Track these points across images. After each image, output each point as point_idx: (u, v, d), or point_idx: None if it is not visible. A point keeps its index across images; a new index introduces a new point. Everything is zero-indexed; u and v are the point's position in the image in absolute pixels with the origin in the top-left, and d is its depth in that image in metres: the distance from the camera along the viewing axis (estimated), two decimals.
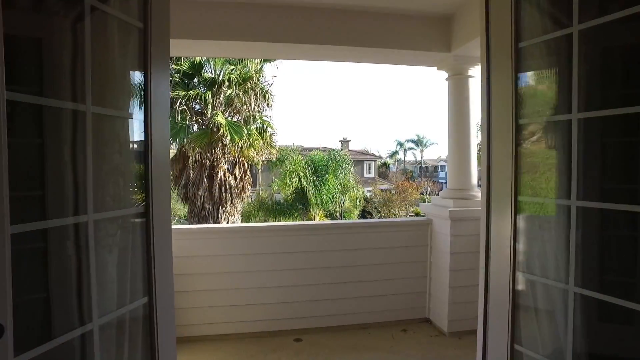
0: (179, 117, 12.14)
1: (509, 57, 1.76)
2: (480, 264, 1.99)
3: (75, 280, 1.26)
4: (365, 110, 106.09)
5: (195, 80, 12.79)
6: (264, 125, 13.32)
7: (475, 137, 3.66)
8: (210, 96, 12.36)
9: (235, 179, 12.89)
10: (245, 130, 12.34)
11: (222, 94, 12.47)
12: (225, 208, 12.55)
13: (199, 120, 12.94)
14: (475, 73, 3.59)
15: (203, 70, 12.68)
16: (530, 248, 1.74)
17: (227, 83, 12.34)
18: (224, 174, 12.61)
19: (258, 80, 13.01)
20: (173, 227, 3.62)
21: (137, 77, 1.53)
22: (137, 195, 1.48)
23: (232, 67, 12.44)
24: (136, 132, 1.48)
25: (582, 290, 1.51)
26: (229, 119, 12.62)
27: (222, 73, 12.46)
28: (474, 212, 3.45)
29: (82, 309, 1.24)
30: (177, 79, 12.24)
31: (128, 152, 1.47)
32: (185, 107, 12.23)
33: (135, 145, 1.49)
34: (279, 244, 3.60)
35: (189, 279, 3.44)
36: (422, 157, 61.04)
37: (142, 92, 1.50)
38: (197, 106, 12.98)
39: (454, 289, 3.51)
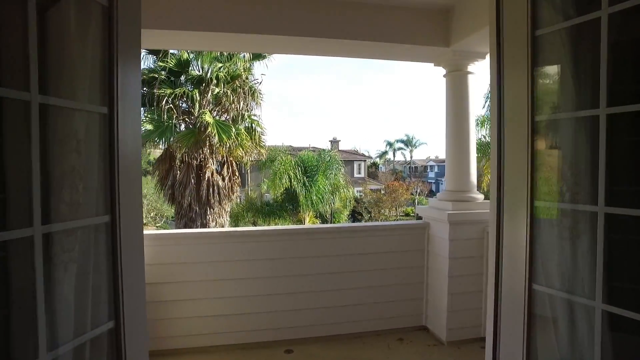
0: (165, 116, 11.78)
1: (525, 47, 1.59)
2: (489, 274, 1.81)
3: (20, 306, 1.04)
4: (355, 110, 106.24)
5: (182, 77, 12.42)
6: (253, 125, 13.02)
7: (475, 136, 3.50)
8: (197, 94, 12.01)
9: (223, 179, 12.59)
10: (233, 130, 12.02)
11: (210, 92, 12.14)
12: (213, 209, 12.23)
13: (186, 119, 12.59)
14: (475, 69, 3.43)
15: (190, 68, 12.33)
16: (549, 258, 1.56)
17: (214, 81, 12.00)
18: (212, 174, 12.30)
19: (247, 78, 12.69)
20: (152, 232, 3.39)
21: (101, 63, 1.30)
22: (100, 202, 1.26)
23: (220, 64, 12.12)
24: (100, 127, 1.25)
25: (611, 308, 1.34)
26: (217, 118, 12.29)
27: (209, 71, 12.12)
28: (475, 215, 3.31)
29: (26, 343, 1.01)
30: (163, 77, 11.86)
31: (89, 152, 1.24)
32: (171, 105, 11.86)
33: (99, 144, 1.26)
34: (267, 250, 3.39)
35: (171, 287, 3.21)
36: (411, 157, 61.35)
37: (107, 82, 1.28)
38: (184, 105, 12.62)
39: (453, 295, 3.34)
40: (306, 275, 3.46)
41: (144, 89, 12.30)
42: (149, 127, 12.26)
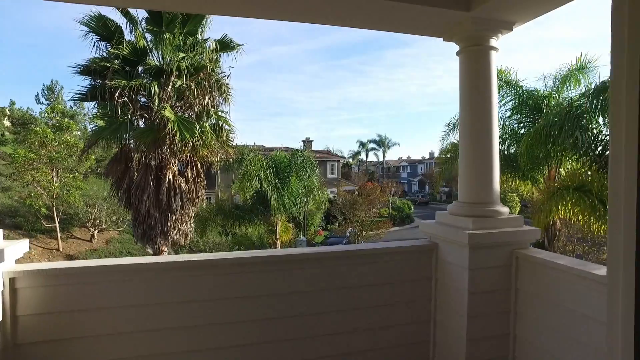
0: (120, 111, 10.44)
1: None
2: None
3: None
4: (328, 110, 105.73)
5: (140, 68, 11.10)
6: (220, 122, 11.86)
7: (497, 131, 2.70)
8: (156, 87, 10.72)
9: (186, 181, 11.39)
10: (197, 127, 10.81)
11: (171, 85, 10.89)
12: (175, 215, 11.01)
13: (145, 115, 11.28)
14: (500, 45, 2.63)
15: (148, 57, 11.04)
16: None
17: (176, 73, 10.77)
18: (174, 176, 11.07)
19: (213, 70, 11.51)
20: (45, 266, 2.35)
21: None
22: None
23: (182, 54, 10.91)
24: None
25: None
26: (180, 114, 11.06)
27: (171, 61, 10.90)
28: (501, 236, 2.51)
29: None
30: (116, 66, 10.53)
31: None
32: (127, 99, 10.53)
33: None
34: (216, 286, 2.44)
35: (80, 345, 2.21)
36: (384, 157, 61.53)
37: None
38: (142, 99, 11.30)
39: (474, 342, 2.51)
40: (274, 319, 2.54)
41: (97, 80, 10.94)
42: (101, 123, 10.88)
